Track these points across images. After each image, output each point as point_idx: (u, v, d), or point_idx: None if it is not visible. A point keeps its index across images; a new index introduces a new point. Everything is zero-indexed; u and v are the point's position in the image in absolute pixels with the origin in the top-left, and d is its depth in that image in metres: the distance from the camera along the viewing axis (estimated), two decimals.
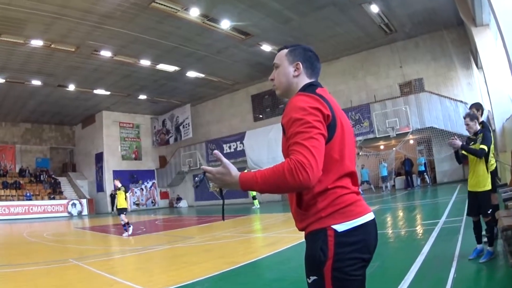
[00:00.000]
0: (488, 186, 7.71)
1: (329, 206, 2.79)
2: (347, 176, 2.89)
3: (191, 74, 37.40)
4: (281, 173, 2.54)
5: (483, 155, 7.70)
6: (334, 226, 2.75)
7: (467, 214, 8.24)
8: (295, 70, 3.20)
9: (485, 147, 7.63)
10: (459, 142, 7.64)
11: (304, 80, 3.18)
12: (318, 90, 2.96)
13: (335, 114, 2.83)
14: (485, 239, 7.95)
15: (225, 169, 2.81)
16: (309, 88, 3.00)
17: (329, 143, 2.76)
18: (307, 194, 2.84)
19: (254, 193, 26.41)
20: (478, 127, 7.98)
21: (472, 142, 8.01)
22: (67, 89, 37.28)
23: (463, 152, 7.85)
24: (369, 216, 2.92)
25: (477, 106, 9.06)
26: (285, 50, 3.34)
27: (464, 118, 8.11)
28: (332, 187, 2.79)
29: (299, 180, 2.47)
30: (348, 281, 2.70)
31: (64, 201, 44.67)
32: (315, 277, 2.79)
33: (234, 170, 2.80)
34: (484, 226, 8.08)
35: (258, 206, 26.34)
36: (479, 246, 7.84)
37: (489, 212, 7.68)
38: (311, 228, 2.86)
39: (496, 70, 21.29)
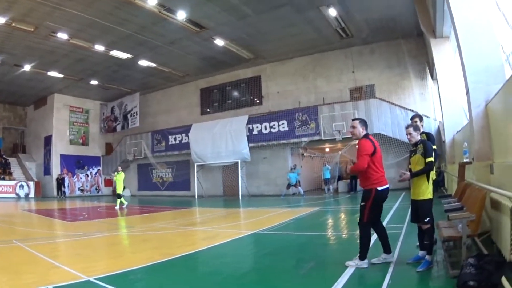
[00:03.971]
0: (428, 195, 7.87)
1: (376, 179, 7.73)
2: (381, 169, 7.85)
3: (143, 62, 37.19)
4: (353, 166, 8.04)
5: (433, 166, 7.92)
6: (378, 188, 7.71)
7: (411, 221, 8.40)
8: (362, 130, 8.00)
9: (431, 159, 7.82)
10: (407, 174, 7.88)
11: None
12: (370, 137, 7.94)
13: (375, 146, 7.79)
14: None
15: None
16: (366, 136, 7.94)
17: (373, 157, 7.71)
18: (367, 173, 7.76)
19: (121, 191, 26.01)
20: (419, 138, 8.24)
21: (413, 153, 8.23)
22: (23, 69, 36.58)
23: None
24: (387, 185, 7.74)
25: (420, 117, 9.55)
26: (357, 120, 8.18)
27: (407, 127, 8.36)
28: (377, 172, 7.75)
29: (357, 169, 7.88)
30: (375, 206, 7.83)
31: (12, 182, 44.07)
32: (363, 203, 7.81)
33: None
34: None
35: (118, 206, 25.77)
36: (421, 253, 7.98)
37: (426, 220, 7.78)
38: (368, 187, 7.78)
39: (451, 82, 21.85)
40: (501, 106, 9.10)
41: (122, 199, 26.43)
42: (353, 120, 8.37)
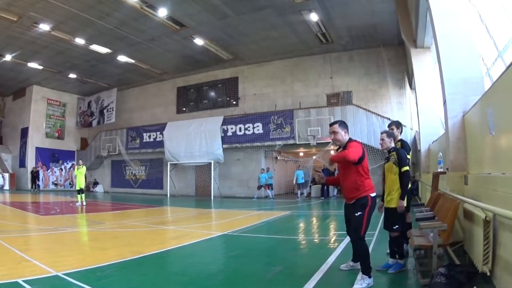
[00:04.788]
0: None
1: (367, 186, 7.09)
2: (369, 175, 7.18)
3: (122, 58, 37.01)
4: (342, 154, 6.88)
5: (409, 175, 8.06)
6: (370, 194, 7.08)
7: (383, 227, 8.52)
8: (345, 133, 7.36)
9: (406, 168, 7.97)
10: (402, 205, 7.93)
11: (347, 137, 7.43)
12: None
13: (364, 151, 7.17)
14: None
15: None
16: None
17: (363, 162, 7.12)
18: (359, 181, 7.09)
19: (82, 185, 25.59)
20: (392, 145, 8.34)
21: (386, 160, 8.42)
22: (4, 59, 36.15)
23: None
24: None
25: (397, 124, 9.68)
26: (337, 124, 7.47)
27: (381, 133, 8.46)
28: (367, 178, 7.11)
29: (348, 158, 6.73)
30: (371, 215, 7.14)
31: None
32: (360, 212, 7.03)
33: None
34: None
35: (80, 202, 25.39)
36: (390, 261, 8.04)
37: (394, 228, 7.98)
38: (361, 195, 7.09)
39: (429, 92, 22.08)
40: (477, 118, 9.17)
41: (83, 195, 25.50)
42: (331, 125, 7.48)
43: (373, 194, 7.13)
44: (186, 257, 9.96)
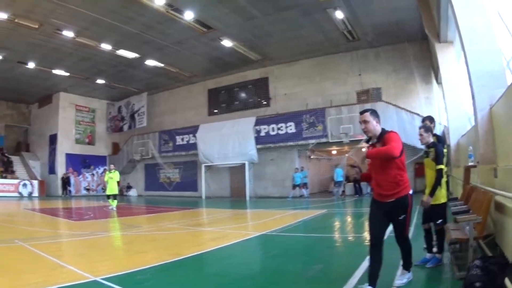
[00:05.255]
0: (442, 200, 8.05)
1: (406, 182, 6.26)
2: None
3: (150, 62, 37.10)
4: (384, 149, 6.00)
5: (442, 173, 8.03)
6: (409, 192, 6.28)
7: (422, 223, 8.51)
8: (376, 123, 6.52)
9: (441, 166, 7.96)
10: (428, 201, 7.96)
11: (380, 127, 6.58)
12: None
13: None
14: (435, 249, 8.20)
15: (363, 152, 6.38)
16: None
17: (401, 157, 6.19)
18: (398, 176, 6.22)
19: (116, 191, 25.23)
20: (431, 139, 8.27)
21: (425, 155, 8.33)
22: (27, 66, 36.47)
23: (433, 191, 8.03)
24: None
25: (430, 119, 9.55)
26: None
27: (419, 128, 8.40)
28: (405, 172, 6.34)
29: (391, 153, 5.93)
30: (411, 214, 6.43)
31: (15, 181, 43.85)
32: (404, 215, 6.27)
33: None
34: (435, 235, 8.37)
35: (114, 207, 25.01)
36: (428, 255, 8.07)
37: (438, 222, 7.98)
38: (401, 193, 6.21)
39: (455, 86, 21.84)
40: (503, 111, 9.13)
41: (115, 200, 25.66)
42: (361, 113, 6.57)
43: (411, 192, 6.35)
44: (225, 258, 9.99)
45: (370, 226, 6.52)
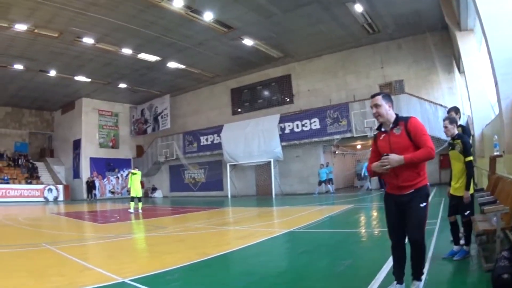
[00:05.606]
0: (470, 190, 7.87)
1: (425, 173, 5.75)
2: None
3: (172, 64, 37.28)
4: (426, 153, 5.40)
5: (473, 165, 7.97)
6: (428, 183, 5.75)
7: (448, 215, 8.39)
8: (389, 107, 5.89)
9: (470, 158, 7.83)
10: (468, 196, 7.84)
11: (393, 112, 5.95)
12: None
13: None
14: (462, 241, 8.11)
15: (398, 157, 5.42)
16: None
17: None
18: (420, 166, 5.64)
19: (140, 193, 24.68)
20: (456, 131, 8.10)
21: (450, 147, 8.17)
22: (49, 74, 36.92)
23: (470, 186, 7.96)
24: None
25: (456, 110, 9.36)
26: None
27: (444, 120, 8.21)
28: (424, 166, 5.78)
29: (433, 155, 5.42)
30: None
31: (40, 186, 44.56)
32: (425, 203, 5.60)
33: (400, 156, 5.47)
34: (462, 227, 8.25)
35: (133, 210, 24.53)
36: (455, 248, 7.99)
37: (466, 214, 7.85)
38: (422, 183, 5.64)
39: (478, 75, 21.60)
40: None
41: (140, 202, 25.44)
42: (372, 96, 6.03)
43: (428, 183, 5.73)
44: (253, 256, 9.96)
45: (388, 226, 5.97)
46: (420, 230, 5.53)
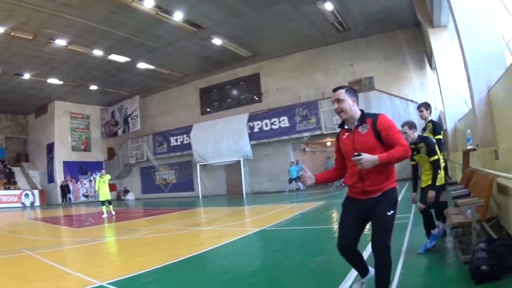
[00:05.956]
0: (440, 182, 8.13)
1: (395, 175, 5.18)
2: None
3: (142, 65, 37.23)
4: (402, 152, 4.77)
5: (439, 163, 8.08)
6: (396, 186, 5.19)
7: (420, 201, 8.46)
8: (353, 103, 5.25)
9: (436, 157, 8.00)
10: (432, 196, 7.95)
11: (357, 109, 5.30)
12: None
13: None
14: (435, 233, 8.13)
15: (372, 157, 4.73)
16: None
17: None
18: (390, 167, 5.10)
19: (109, 196, 24.64)
20: (416, 136, 8.21)
21: (415, 152, 8.24)
22: (23, 77, 36.62)
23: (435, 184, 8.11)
24: None
25: (426, 105, 9.51)
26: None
27: (402, 126, 8.09)
28: (394, 169, 5.20)
29: (408, 154, 4.88)
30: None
31: (17, 192, 44.09)
32: (393, 211, 4.97)
33: (374, 156, 4.76)
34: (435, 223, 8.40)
35: (106, 215, 23.94)
36: (434, 232, 7.97)
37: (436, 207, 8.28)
38: (389, 186, 5.07)
39: (450, 71, 21.93)
40: (503, 92, 9.15)
41: (110, 205, 25.41)
42: (334, 90, 5.39)
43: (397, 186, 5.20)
44: (227, 256, 10.03)
45: (340, 233, 5.40)
46: (385, 238, 4.95)
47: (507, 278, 5.61)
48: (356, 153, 4.74)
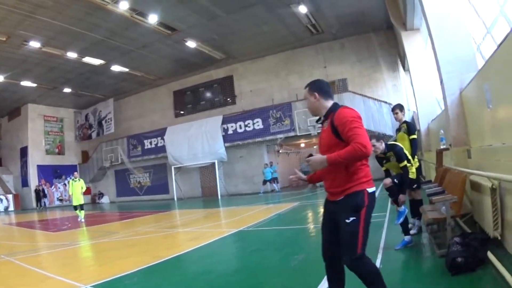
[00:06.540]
0: (411, 175, 8.59)
1: (364, 176, 4.49)
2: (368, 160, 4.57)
3: (116, 68, 36.98)
4: (354, 151, 4.15)
5: (407, 170, 8.43)
6: (368, 189, 4.46)
7: (391, 201, 8.93)
8: (317, 97, 4.81)
9: (405, 163, 8.31)
10: (404, 199, 8.20)
11: (327, 102, 4.82)
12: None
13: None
14: (412, 231, 8.67)
15: (320, 157, 4.36)
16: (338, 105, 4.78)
17: None
18: (352, 167, 4.44)
19: (82, 200, 24.36)
20: (384, 146, 8.56)
21: (385, 161, 8.65)
22: None
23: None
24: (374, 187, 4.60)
25: (400, 107, 9.81)
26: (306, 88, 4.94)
27: (370, 140, 8.02)
28: (364, 165, 4.54)
29: (364, 153, 4.18)
30: (370, 219, 4.46)
31: None
32: (353, 218, 4.34)
33: (322, 156, 4.35)
34: (411, 220, 8.91)
35: (83, 219, 24.22)
36: (406, 238, 8.20)
37: (413, 187, 8.88)
38: (354, 189, 4.42)
39: (423, 73, 22.35)
40: (474, 94, 9.40)
41: (82, 211, 24.46)
42: (305, 88, 5.01)
43: (371, 189, 4.54)
44: (208, 256, 10.15)
45: (321, 238, 5.07)
46: (349, 253, 4.41)
47: (481, 269, 5.87)
48: (309, 154, 4.58)
